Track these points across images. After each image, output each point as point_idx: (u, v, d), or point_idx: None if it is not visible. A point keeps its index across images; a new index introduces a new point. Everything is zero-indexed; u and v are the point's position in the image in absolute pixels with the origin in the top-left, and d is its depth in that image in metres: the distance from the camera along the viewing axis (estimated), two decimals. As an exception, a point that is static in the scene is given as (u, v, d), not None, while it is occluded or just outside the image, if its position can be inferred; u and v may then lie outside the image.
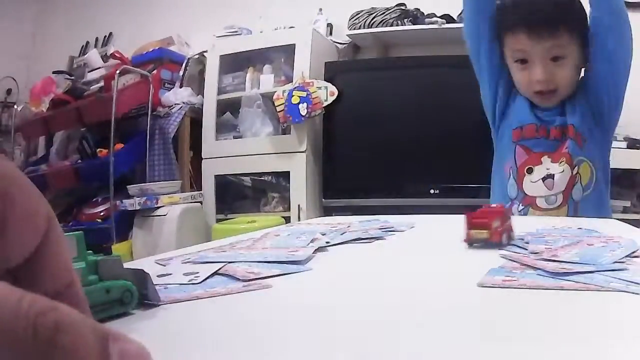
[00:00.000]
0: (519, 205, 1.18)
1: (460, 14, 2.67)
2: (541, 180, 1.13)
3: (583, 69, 1.15)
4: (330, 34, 3.04)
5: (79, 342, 0.12)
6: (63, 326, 0.12)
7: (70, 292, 0.18)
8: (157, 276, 0.50)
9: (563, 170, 1.12)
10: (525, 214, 1.13)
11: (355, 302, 0.41)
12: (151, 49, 3.23)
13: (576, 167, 1.13)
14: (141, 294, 0.39)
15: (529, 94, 1.14)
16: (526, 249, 0.55)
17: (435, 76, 2.55)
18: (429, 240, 0.78)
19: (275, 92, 2.73)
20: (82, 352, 0.12)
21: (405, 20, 2.74)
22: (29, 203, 0.17)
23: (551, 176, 1.12)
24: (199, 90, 3.07)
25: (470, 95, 1.26)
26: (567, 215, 1.09)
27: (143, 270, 0.40)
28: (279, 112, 2.69)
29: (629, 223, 0.83)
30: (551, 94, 1.11)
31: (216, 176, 2.89)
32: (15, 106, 3.67)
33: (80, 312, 0.15)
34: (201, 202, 2.88)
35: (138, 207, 2.65)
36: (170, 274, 0.51)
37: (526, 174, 1.14)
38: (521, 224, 0.74)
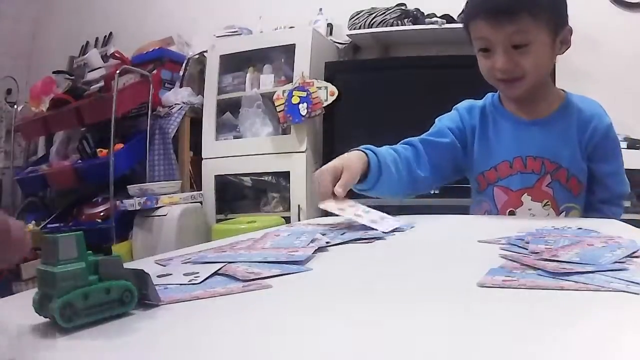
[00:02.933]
0: None
1: (461, 14, 2.68)
2: None
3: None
4: (330, 34, 3.04)
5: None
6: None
7: None
8: (157, 276, 0.50)
9: (548, 214, 1.04)
10: None
11: (355, 302, 0.41)
12: (151, 49, 3.23)
13: (563, 213, 1.05)
14: (141, 294, 0.39)
15: (493, 82, 1.06)
16: (526, 249, 0.55)
17: (435, 76, 2.54)
18: (429, 240, 0.78)
19: (275, 92, 2.73)
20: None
21: (405, 20, 2.74)
22: None
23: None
24: (199, 90, 3.07)
25: (470, 96, 1.25)
26: None
27: (143, 270, 0.40)
28: (279, 112, 2.69)
29: (629, 223, 0.83)
30: (516, 82, 1.01)
31: (216, 176, 2.89)
32: (15, 106, 3.67)
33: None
34: (201, 202, 2.88)
35: (138, 207, 2.65)
36: (170, 274, 0.51)
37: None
38: (521, 224, 0.74)
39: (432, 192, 2.48)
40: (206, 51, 3.06)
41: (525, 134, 1.07)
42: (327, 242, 0.66)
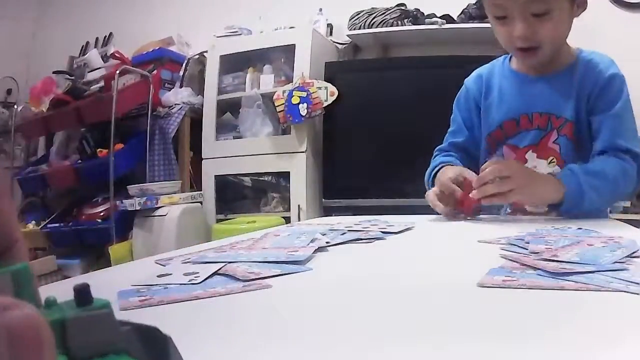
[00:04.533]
0: (506, 209, 1.10)
1: (460, 14, 2.68)
2: None
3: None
4: (330, 34, 3.04)
5: None
6: None
7: (19, 247, 0.19)
8: (157, 276, 0.50)
9: (553, 172, 1.01)
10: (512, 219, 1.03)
11: (355, 302, 0.41)
12: (151, 49, 3.23)
13: None
14: None
15: (511, 51, 1.04)
16: (526, 249, 0.55)
17: (435, 76, 2.54)
18: (429, 241, 0.78)
19: (275, 92, 2.73)
20: None
21: (405, 20, 2.74)
22: None
23: None
24: (199, 90, 3.07)
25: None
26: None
27: (156, 328, 0.20)
28: (279, 112, 2.69)
29: (629, 223, 0.83)
30: (535, 51, 0.99)
31: (216, 176, 2.89)
32: (15, 106, 3.67)
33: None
34: (201, 202, 2.89)
35: (138, 207, 2.65)
36: (170, 274, 0.51)
37: None
38: (521, 224, 0.74)
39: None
40: (206, 51, 3.06)
41: (530, 90, 1.06)
42: (327, 242, 0.66)
